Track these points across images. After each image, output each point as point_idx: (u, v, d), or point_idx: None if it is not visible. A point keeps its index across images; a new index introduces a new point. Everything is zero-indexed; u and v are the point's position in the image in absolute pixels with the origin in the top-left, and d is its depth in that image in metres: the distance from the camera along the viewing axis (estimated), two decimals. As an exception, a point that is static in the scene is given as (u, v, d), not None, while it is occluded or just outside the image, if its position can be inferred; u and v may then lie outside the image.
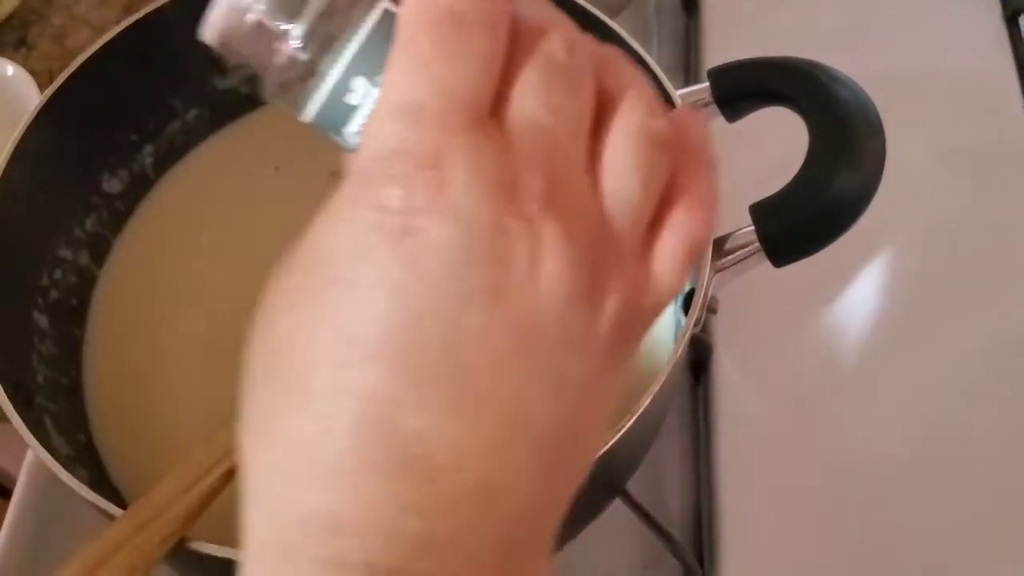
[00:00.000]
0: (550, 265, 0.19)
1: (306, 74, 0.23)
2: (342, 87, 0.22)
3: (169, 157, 0.52)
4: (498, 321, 0.19)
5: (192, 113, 0.51)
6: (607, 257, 0.20)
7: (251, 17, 0.23)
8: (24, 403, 0.40)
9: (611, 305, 0.20)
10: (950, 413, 0.51)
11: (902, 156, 0.57)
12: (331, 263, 0.20)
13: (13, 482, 0.48)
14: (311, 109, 0.23)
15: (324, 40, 0.22)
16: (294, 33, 0.22)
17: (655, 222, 0.22)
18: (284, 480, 0.20)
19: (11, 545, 0.46)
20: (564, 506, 0.21)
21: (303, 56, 0.22)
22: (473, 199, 0.19)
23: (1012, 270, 0.56)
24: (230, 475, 0.34)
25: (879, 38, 0.64)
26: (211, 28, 0.24)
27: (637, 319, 0.21)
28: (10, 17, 0.64)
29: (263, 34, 0.23)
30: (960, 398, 0.52)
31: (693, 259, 0.22)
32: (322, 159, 0.39)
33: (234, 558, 0.33)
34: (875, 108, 0.38)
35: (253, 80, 0.24)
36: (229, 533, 0.34)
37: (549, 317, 0.20)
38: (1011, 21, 0.65)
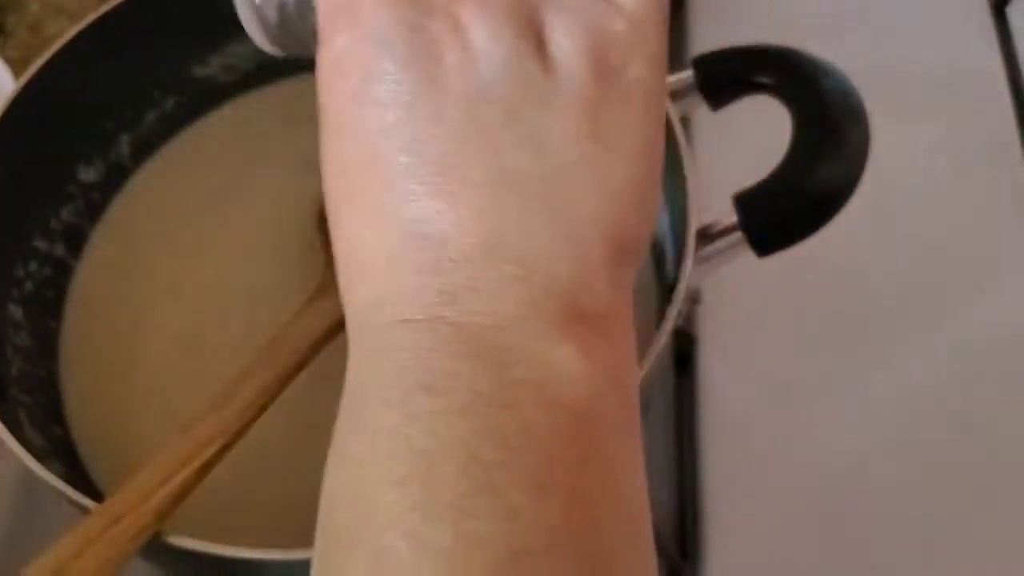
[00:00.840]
0: (477, 39, 0.22)
1: None
2: None
3: (147, 147, 0.51)
4: (445, 107, 0.22)
5: (170, 102, 0.51)
6: (539, 2, 0.22)
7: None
8: (-4, 395, 0.39)
9: (566, 43, 0.22)
10: (935, 404, 0.51)
11: (888, 146, 0.57)
12: (321, 115, 0.23)
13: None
14: None
15: None
16: None
17: None
18: (344, 281, 0.23)
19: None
20: (607, 271, 0.22)
21: None
22: (384, 18, 0.22)
23: (998, 261, 0.56)
24: (206, 468, 0.34)
25: (866, 27, 0.64)
26: (256, 30, 0.26)
27: (622, 46, 0.22)
28: (-14, 5, 0.63)
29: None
30: (945, 390, 0.52)
31: None
32: (299, 149, 0.39)
33: (209, 552, 0.33)
34: (859, 97, 0.38)
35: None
36: (205, 527, 0.34)
37: (496, 82, 0.22)
38: (998, 11, 0.65)
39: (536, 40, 0.22)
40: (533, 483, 0.19)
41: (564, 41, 0.22)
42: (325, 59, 0.23)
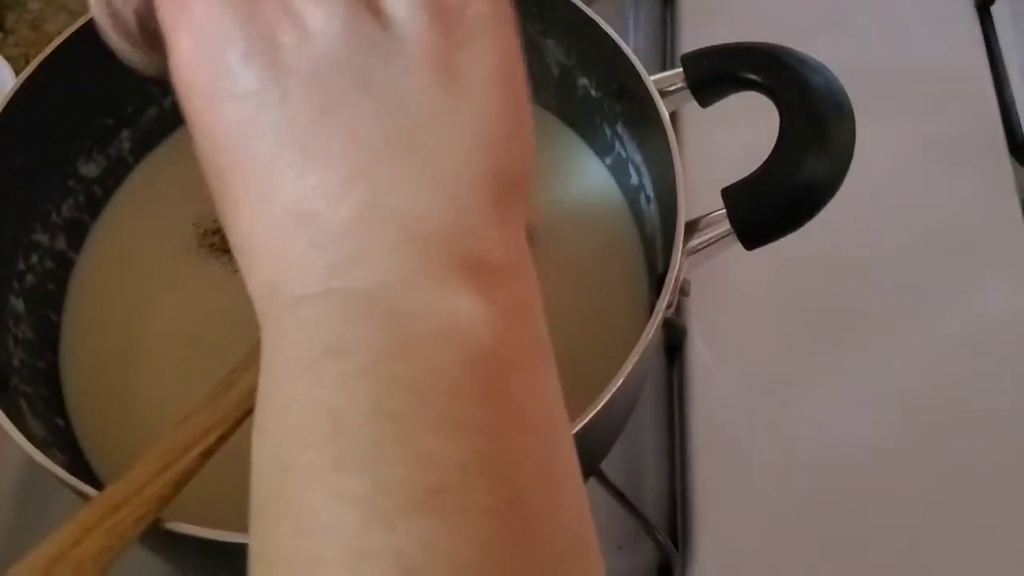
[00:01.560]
0: (310, 16, 0.22)
1: None
2: None
3: (147, 142, 0.51)
4: (293, 83, 0.22)
5: (170, 99, 0.51)
6: None
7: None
8: (-1, 385, 0.40)
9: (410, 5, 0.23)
10: (923, 396, 0.52)
11: (875, 143, 0.58)
12: (184, 111, 0.24)
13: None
14: None
15: None
16: None
17: None
18: (244, 269, 0.24)
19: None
20: (490, 216, 0.23)
21: None
22: (216, 15, 0.22)
23: (983, 256, 0.57)
24: (206, 456, 0.34)
25: (853, 26, 0.65)
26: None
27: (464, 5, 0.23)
28: (-14, 3, 0.63)
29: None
30: (932, 382, 0.52)
31: None
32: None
33: (208, 537, 0.34)
34: (845, 92, 0.38)
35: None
36: (205, 514, 0.35)
37: (337, 53, 0.22)
38: (982, 9, 0.66)
39: (368, 2, 0.23)
40: (443, 425, 0.20)
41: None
42: (176, 65, 0.24)
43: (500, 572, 0.20)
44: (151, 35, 0.26)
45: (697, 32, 0.64)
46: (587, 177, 0.50)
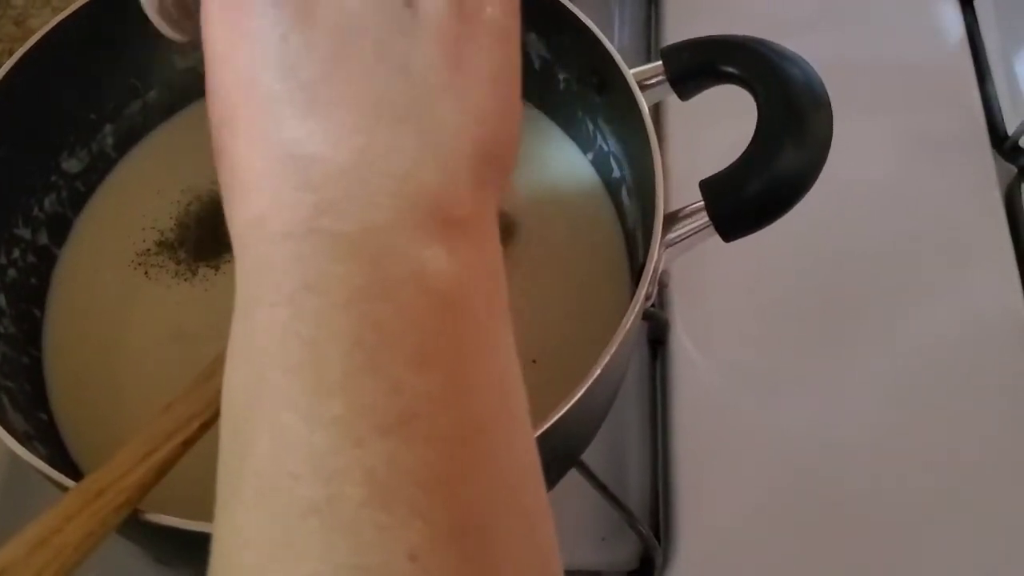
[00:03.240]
0: None
1: None
2: None
3: (130, 137, 0.51)
4: (317, 34, 0.24)
5: (152, 94, 0.51)
6: None
7: None
8: (-21, 379, 0.40)
9: None
10: (906, 390, 0.52)
11: (859, 137, 0.58)
12: (205, 46, 0.26)
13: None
14: None
15: None
16: None
17: None
18: (229, 203, 0.25)
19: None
20: (472, 183, 0.25)
21: None
22: None
23: (966, 250, 0.57)
24: (187, 444, 0.34)
25: (837, 22, 0.65)
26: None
27: None
28: (-30, -2, 0.63)
29: None
30: (916, 376, 0.53)
31: None
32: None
33: (189, 528, 0.34)
34: (823, 85, 0.38)
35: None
36: (185, 505, 0.35)
37: (363, 15, 0.24)
38: (965, 3, 0.66)
39: None
40: (413, 359, 0.22)
41: None
42: (207, 5, 0.25)
43: (461, 491, 0.21)
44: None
45: (681, 26, 0.64)
46: (569, 170, 0.51)
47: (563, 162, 0.51)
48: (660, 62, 0.43)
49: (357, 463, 0.21)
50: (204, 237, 0.49)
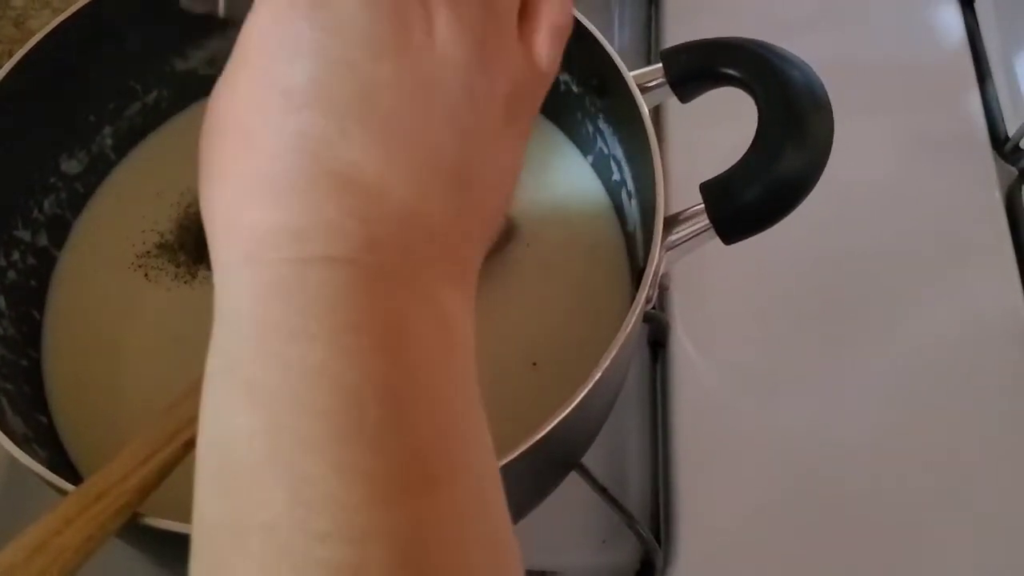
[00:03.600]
0: (445, 33, 0.24)
1: None
2: None
3: (129, 139, 0.51)
4: (405, 72, 0.24)
5: (152, 95, 0.51)
6: (493, 34, 0.25)
7: None
8: (-22, 382, 0.40)
9: (503, 79, 0.26)
10: (906, 391, 0.52)
11: (859, 138, 0.58)
12: (259, 44, 0.24)
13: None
14: None
15: None
16: None
17: (523, 14, 0.27)
18: (243, 206, 0.23)
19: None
20: (478, 243, 0.26)
21: None
22: None
23: (966, 251, 0.57)
24: (188, 447, 0.34)
25: (837, 22, 0.65)
26: None
27: (527, 97, 0.27)
28: (-31, 0, 0.63)
29: None
30: (916, 377, 0.53)
31: (560, 42, 0.28)
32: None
33: (189, 533, 0.34)
34: (823, 87, 0.38)
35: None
36: (185, 508, 0.35)
37: (449, 75, 0.24)
38: (966, 5, 0.66)
39: (482, 60, 0.25)
40: (437, 417, 0.22)
41: (499, 73, 0.26)
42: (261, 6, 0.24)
43: (481, 554, 0.21)
44: None
45: (682, 28, 0.64)
46: (570, 173, 0.51)
47: (563, 165, 0.51)
48: (660, 64, 0.43)
49: (384, 523, 0.20)
50: (204, 240, 0.49)
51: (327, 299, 0.21)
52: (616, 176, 0.48)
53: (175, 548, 0.37)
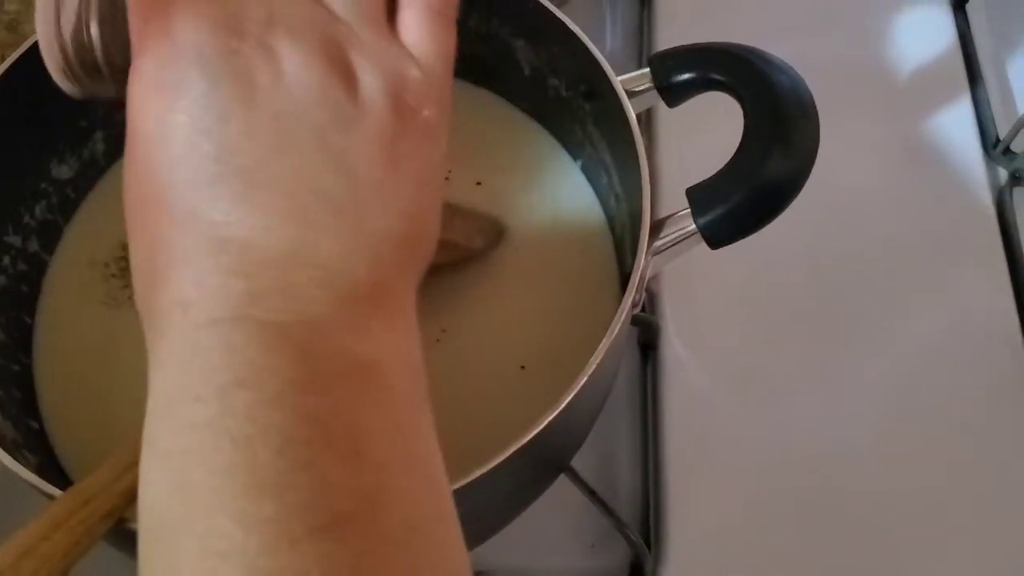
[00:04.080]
0: (289, 67, 0.24)
1: None
2: None
3: (120, 144, 0.50)
4: (256, 121, 0.24)
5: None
6: (346, 46, 0.25)
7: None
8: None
9: (371, 82, 0.25)
10: (897, 394, 0.52)
11: (850, 142, 0.58)
12: (135, 133, 0.25)
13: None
14: None
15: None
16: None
17: (393, 9, 0.26)
18: (149, 287, 0.24)
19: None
20: (400, 266, 0.25)
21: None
22: (198, 37, 0.24)
23: (957, 254, 0.57)
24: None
25: (828, 26, 0.65)
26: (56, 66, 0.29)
27: (419, 92, 0.26)
28: (-37, 5, 0.63)
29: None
30: (907, 380, 0.53)
31: (439, 27, 0.27)
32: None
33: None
34: (809, 92, 0.38)
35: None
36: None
37: (307, 105, 0.24)
38: (957, 8, 0.66)
39: (344, 75, 0.25)
40: (347, 456, 0.22)
41: (368, 80, 0.25)
42: (139, 71, 0.24)
43: None
44: (91, 65, 0.28)
45: (674, 32, 0.64)
46: (560, 177, 0.51)
47: (553, 169, 0.51)
48: (647, 69, 0.43)
49: (291, 565, 0.20)
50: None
51: (215, 361, 0.22)
52: (605, 180, 0.48)
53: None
